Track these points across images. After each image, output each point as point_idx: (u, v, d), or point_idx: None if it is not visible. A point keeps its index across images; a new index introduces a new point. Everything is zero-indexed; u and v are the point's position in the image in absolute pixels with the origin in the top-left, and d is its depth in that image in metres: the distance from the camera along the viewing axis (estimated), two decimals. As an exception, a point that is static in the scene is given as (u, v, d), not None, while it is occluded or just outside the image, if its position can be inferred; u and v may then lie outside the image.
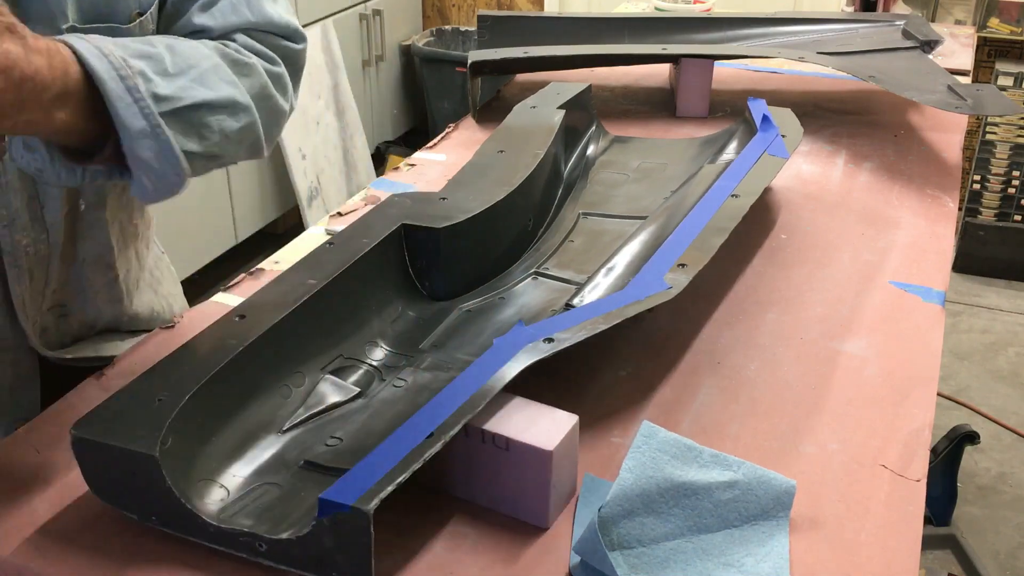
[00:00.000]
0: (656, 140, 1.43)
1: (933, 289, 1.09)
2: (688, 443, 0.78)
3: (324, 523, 0.67)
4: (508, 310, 1.00)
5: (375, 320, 0.96)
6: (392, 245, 0.99)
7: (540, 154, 1.17)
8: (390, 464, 0.69)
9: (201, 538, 0.72)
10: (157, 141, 0.76)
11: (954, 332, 2.87)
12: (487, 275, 1.06)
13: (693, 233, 1.00)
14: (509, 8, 3.99)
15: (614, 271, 1.01)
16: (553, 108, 1.30)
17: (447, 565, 0.73)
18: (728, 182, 1.11)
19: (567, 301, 0.96)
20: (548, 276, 1.07)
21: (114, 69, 0.74)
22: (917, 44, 1.68)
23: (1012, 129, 3.04)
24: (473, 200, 1.06)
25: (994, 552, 2.11)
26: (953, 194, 1.32)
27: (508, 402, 0.78)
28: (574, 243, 1.13)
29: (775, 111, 1.31)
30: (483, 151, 1.20)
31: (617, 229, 1.15)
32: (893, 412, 0.90)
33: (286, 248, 1.21)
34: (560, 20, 1.82)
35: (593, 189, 1.27)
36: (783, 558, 0.73)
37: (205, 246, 2.88)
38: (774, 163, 1.17)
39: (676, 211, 1.08)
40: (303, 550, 0.68)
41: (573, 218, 1.19)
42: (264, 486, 0.77)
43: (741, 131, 1.32)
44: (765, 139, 1.22)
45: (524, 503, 0.77)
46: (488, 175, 1.13)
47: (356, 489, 0.67)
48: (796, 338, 1.01)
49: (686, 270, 0.93)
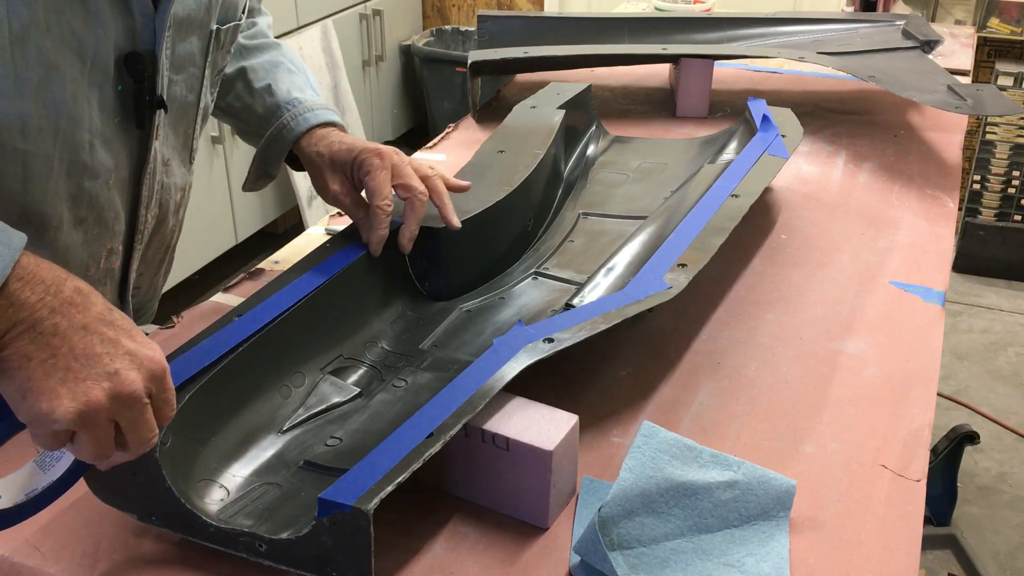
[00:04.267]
0: (656, 140, 1.43)
1: (933, 289, 1.09)
2: (688, 443, 0.78)
3: (324, 523, 0.67)
4: (508, 310, 1.00)
5: (375, 320, 0.96)
6: (392, 245, 0.99)
7: (540, 154, 1.17)
8: (390, 464, 0.69)
9: (201, 538, 0.72)
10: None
11: (954, 332, 2.87)
12: (487, 275, 1.06)
13: (693, 233, 1.00)
14: (509, 8, 3.99)
15: (614, 271, 1.01)
16: (553, 108, 1.30)
17: (447, 565, 0.73)
18: (728, 182, 1.11)
19: (567, 301, 0.96)
20: (548, 276, 1.07)
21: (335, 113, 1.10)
22: (917, 44, 1.68)
23: (1012, 129, 3.04)
24: (473, 200, 1.06)
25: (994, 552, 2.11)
26: (953, 194, 1.32)
27: (508, 402, 0.78)
28: (574, 243, 1.13)
29: (775, 111, 1.31)
30: (483, 151, 1.20)
31: (617, 229, 1.15)
32: (893, 412, 0.90)
33: (286, 248, 1.21)
34: (560, 20, 1.82)
35: (593, 189, 1.27)
36: (783, 558, 0.73)
37: (205, 246, 2.88)
38: (774, 163, 1.17)
39: (676, 211, 1.08)
40: (303, 550, 0.68)
41: (573, 218, 1.19)
42: (264, 486, 0.77)
43: (741, 131, 1.32)
44: (765, 139, 1.22)
45: (524, 503, 0.77)
46: (488, 175, 1.13)
47: (356, 489, 0.67)
48: (796, 338, 1.01)
49: (686, 270, 0.93)
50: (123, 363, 0.64)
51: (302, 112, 1.06)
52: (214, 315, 0.91)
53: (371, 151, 0.98)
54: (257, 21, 1.15)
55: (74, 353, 0.63)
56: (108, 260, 0.94)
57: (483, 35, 1.76)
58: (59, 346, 0.63)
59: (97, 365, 0.63)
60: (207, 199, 2.85)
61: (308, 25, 3.23)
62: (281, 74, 1.10)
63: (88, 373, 0.63)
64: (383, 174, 0.96)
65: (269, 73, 1.10)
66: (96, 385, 0.63)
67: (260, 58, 1.11)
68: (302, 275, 0.92)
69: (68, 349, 0.63)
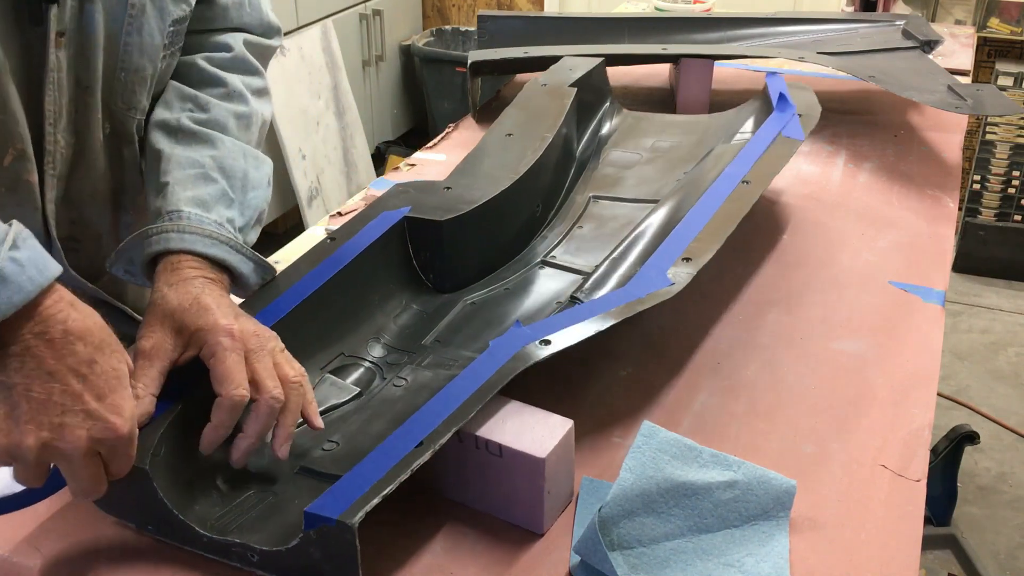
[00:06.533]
0: (672, 116, 1.39)
1: (933, 289, 1.09)
2: (688, 443, 0.78)
3: (311, 536, 0.67)
4: (514, 302, 0.99)
5: (378, 314, 0.95)
6: (395, 238, 0.98)
7: (549, 138, 1.14)
8: (378, 475, 0.69)
9: (195, 547, 0.72)
10: (260, 267, 0.89)
11: (954, 332, 2.87)
12: (493, 265, 1.05)
13: (700, 223, 0.97)
14: (509, 8, 3.99)
15: (621, 261, 0.99)
16: (565, 86, 1.27)
17: (447, 565, 0.73)
18: (739, 167, 1.08)
19: (573, 293, 0.95)
20: (555, 265, 1.05)
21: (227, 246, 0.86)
22: (917, 44, 1.68)
23: (1012, 129, 3.04)
24: (478, 189, 1.03)
25: (994, 552, 2.11)
26: (953, 194, 1.32)
27: (503, 407, 0.77)
28: (583, 229, 1.11)
29: (793, 88, 1.27)
30: (491, 135, 1.18)
31: (627, 214, 1.13)
32: (893, 412, 0.90)
33: (286, 248, 1.21)
34: (560, 20, 1.82)
35: (604, 170, 1.24)
36: (783, 558, 0.73)
37: (205, 246, 2.88)
38: (788, 145, 1.13)
39: (686, 198, 1.05)
40: (293, 561, 0.68)
41: (583, 202, 1.17)
42: (259, 493, 0.77)
43: (758, 108, 1.28)
44: (781, 119, 1.18)
45: (519, 509, 0.76)
46: (494, 161, 1.10)
47: (342, 502, 0.67)
48: (796, 338, 1.01)
49: (691, 264, 0.91)
50: (74, 419, 0.65)
51: (173, 229, 0.85)
52: (214, 315, 0.91)
53: (223, 329, 0.77)
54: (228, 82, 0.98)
55: (29, 394, 0.64)
56: (17, 166, 0.86)
57: (483, 35, 1.76)
58: (17, 383, 0.64)
59: (44, 413, 0.65)
60: (207, 199, 2.85)
61: (308, 25, 3.23)
62: (190, 179, 0.90)
63: (31, 417, 0.64)
64: (234, 358, 0.76)
65: (179, 170, 0.90)
66: (33, 432, 0.64)
67: (187, 150, 0.92)
68: (305, 275, 0.91)
69: (24, 388, 0.64)
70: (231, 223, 0.89)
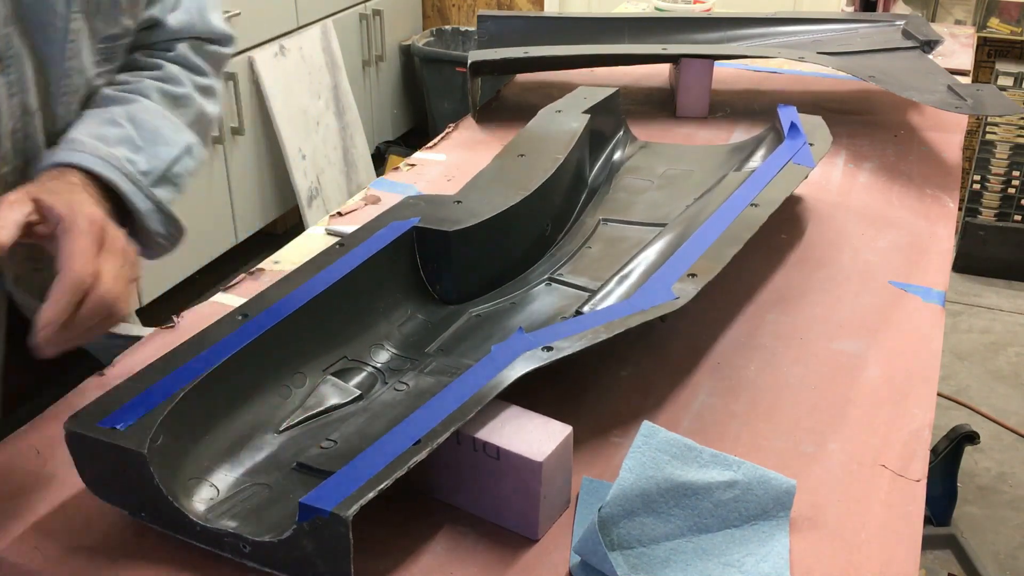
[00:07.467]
0: (684, 146, 1.41)
1: (933, 289, 1.09)
2: (688, 443, 0.78)
3: (304, 527, 0.67)
4: (519, 315, 1.00)
5: (383, 322, 0.96)
6: (404, 247, 0.99)
7: (560, 159, 1.15)
8: (374, 470, 0.69)
9: (188, 536, 0.72)
10: (160, 212, 0.90)
11: (954, 332, 2.87)
12: (500, 280, 1.06)
13: (707, 242, 0.99)
14: (509, 8, 3.99)
15: (627, 279, 1.00)
16: (578, 113, 1.29)
17: (446, 565, 0.73)
18: (749, 191, 1.10)
19: (578, 308, 0.95)
20: (562, 282, 1.06)
21: (119, 171, 0.86)
22: (917, 44, 1.68)
23: (1012, 129, 3.04)
24: (487, 204, 1.05)
25: (994, 552, 2.11)
26: (953, 194, 1.32)
27: (502, 410, 0.77)
28: (592, 249, 1.13)
29: (805, 119, 1.30)
30: (504, 155, 1.19)
31: (636, 236, 1.14)
32: (893, 412, 0.90)
33: (286, 248, 1.21)
34: (560, 20, 1.82)
35: (616, 195, 1.26)
36: (783, 558, 0.73)
37: (205, 246, 2.88)
38: (798, 172, 1.16)
39: (694, 219, 1.07)
40: (285, 553, 0.68)
41: (593, 224, 1.18)
42: (255, 486, 0.77)
43: (770, 138, 1.31)
44: (792, 147, 1.21)
45: (514, 514, 0.76)
46: (505, 179, 1.12)
47: (337, 494, 0.67)
48: (796, 338, 1.01)
49: (695, 280, 0.92)
50: None
51: (64, 148, 0.85)
52: (214, 315, 0.91)
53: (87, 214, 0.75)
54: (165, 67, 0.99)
55: None
56: None
57: (483, 35, 1.76)
58: None
59: None
60: (207, 199, 2.85)
61: (308, 25, 3.23)
62: (94, 122, 0.89)
63: None
64: (89, 241, 0.73)
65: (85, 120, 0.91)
66: None
67: (98, 109, 0.92)
68: (312, 277, 0.92)
69: None
70: (132, 164, 0.85)
